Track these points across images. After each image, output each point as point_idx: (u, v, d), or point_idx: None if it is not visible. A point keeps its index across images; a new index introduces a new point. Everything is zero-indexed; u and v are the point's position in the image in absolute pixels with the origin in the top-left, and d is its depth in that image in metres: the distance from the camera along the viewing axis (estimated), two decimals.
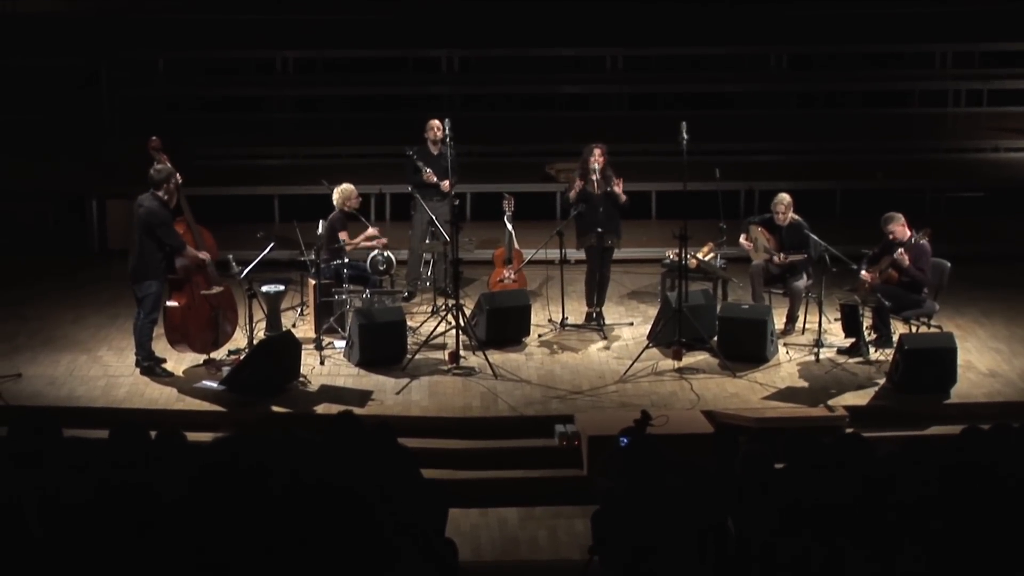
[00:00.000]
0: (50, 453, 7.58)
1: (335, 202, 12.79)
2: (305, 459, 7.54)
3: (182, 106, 18.78)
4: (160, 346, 11.79)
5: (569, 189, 12.68)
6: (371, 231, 13.03)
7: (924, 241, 11.81)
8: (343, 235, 12.67)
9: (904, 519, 7.26)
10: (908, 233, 11.81)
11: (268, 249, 12.28)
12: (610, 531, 7.59)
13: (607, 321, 12.89)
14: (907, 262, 11.70)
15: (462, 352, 11.90)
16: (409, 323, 12.37)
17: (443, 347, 12.07)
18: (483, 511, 10.30)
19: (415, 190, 13.36)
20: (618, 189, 12.50)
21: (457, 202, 12.91)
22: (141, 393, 11.37)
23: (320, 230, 12.61)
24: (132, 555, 6.90)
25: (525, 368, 11.97)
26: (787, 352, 12.23)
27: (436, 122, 13.33)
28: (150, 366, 11.64)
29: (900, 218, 11.89)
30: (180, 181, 11.51)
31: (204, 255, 11.56)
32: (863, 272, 11.96)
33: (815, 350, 12.06)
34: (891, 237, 11.86)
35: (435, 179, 13.14)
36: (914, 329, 12.00)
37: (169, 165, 11.50)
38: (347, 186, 12.84)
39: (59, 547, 6.93)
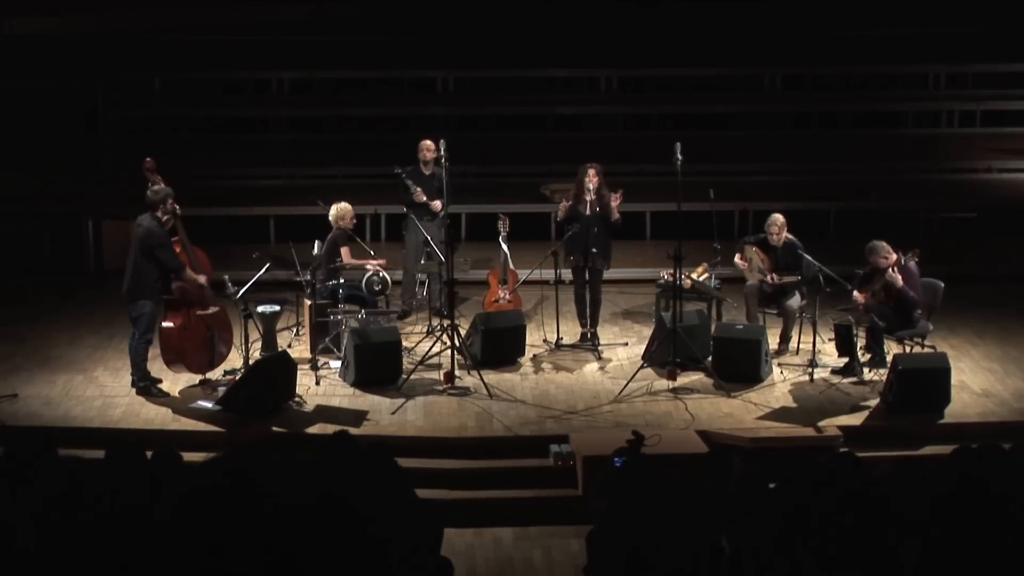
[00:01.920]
0: (46, 473, 7.59)
1: (331, 218, 12.82)
2: (301, 479, 7.56)
3: (178, 127, 18.82)
4: (156, 366, 11.80)
5: (562, 210, 12.73)
6: (375, 261, 13.00)
7: (912, 263, 11.84)
8: (344, 251, 12.72)
9: (898, 538, 7.28)
10: (893, 258, 11.82)
11: (264, 269, 12.30)
12: (605, 551, 7.60)
13: (602, 341, 12.92)
14: (900, 282, 11.73)
15: (457, 372, 11.92)
16: (404, 343, 12.39)
17: (438, 367, 12.10)
18: (478, 531, 10.31)
19: (408, 210, 13.42)
20: (616, 203, 12.53)
21: (448, 222, 13.00)
22: (137, 413, 11.38)
23: (316, 250, 12.63)
24: (127, 574, 6.91)
25: (520, 388, 11.99)
26: (781, 372, 12.25)
27: (428, 143, 13.39)
28: (146, 386, 11.66)
29: (883, 248, 11.87)
30: (179, 211, 11.54)
31: (202, 278, 11.58)
32: (856, 293, 11.99)
33: (809, 370, 12.09)
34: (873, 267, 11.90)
35: (424, 198, 13.20)
36: (908, 349, 12.03)
37: (166, 186, 11.54)
38: (344, 205, 12.88)
39: (54, 567, 6.94)
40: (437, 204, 13.26)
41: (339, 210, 12.83)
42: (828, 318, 12.62)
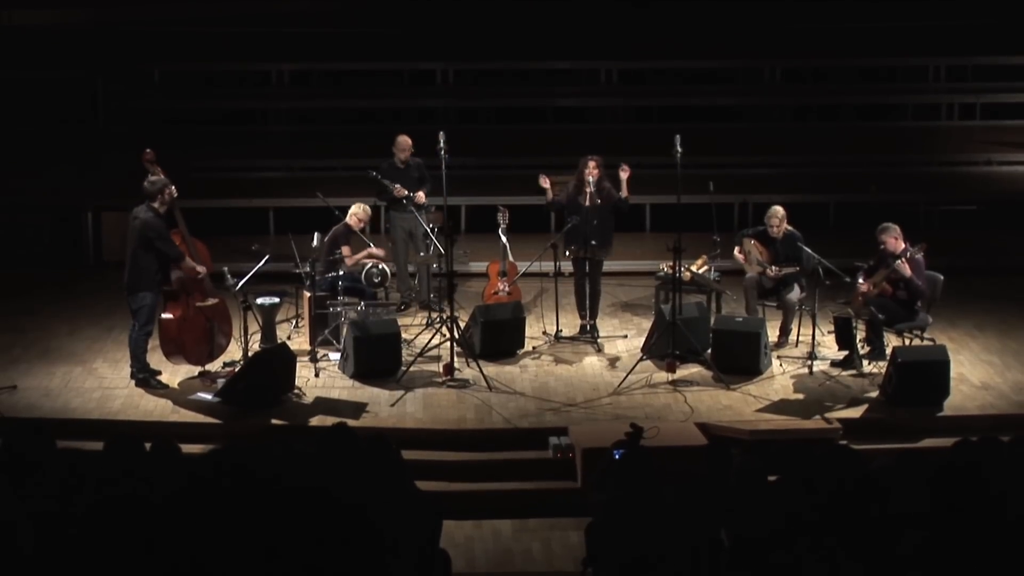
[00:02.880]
0: (44, 465, 7.59)
1: (348, 213, 12.87)
2: (299, 471, 7.56)
3: (178, 118, 18.82)
4: (155, 358, 11.81)
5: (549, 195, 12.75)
6: (374, 250, 13.05)
7: (919, 256, 11.84)
8: (345, 250, 12.74)
9: (897, 531, 7.29)
10: (902, 246, 11.84)
11: (263, 261, 12.31)
12: (604, 543, 7.61)
13: (601, 333, 12.92)
14: (908, 271, 11.71)
15: (456, 364, 11.93)
16: (404, 335, 12.40)
17: (438, 359, 12.10)
18: (477, 523, 10.32)
19: (391, 206, 13.50)
20: (624, 175, 12.49)
21: (433, 209, 13.11)
22: (136, 405, 11.39)
23: (315, 242, 12.65)
24: (126, 567, 6.91)
25: (519, 380, 12.00)
26: (781, 364, 12.26)
27: (407, 140, 13.46)
28: (145, 378, 11.67)
29: (895, 229, 11.90)
30: (175, 194, 11.55)
31: (201, 268, 11.59)
32: (860, 282, 11.99)
33: (809, 362, 12.10)
34: (882, 247, 11.87)
35: (405, 192, 13.25)
36: (907, 342, 12.04)
37: (163, 177, 11.54)
38: (366, 206, 12.97)
39: (52, 560, 6.94)
40: (421, 196, 13.30)
41: (358, 207, 12.93)
42: (827, 311, 12.64)
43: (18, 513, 7.08)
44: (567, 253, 12.71)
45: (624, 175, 12.55)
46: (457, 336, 11.96)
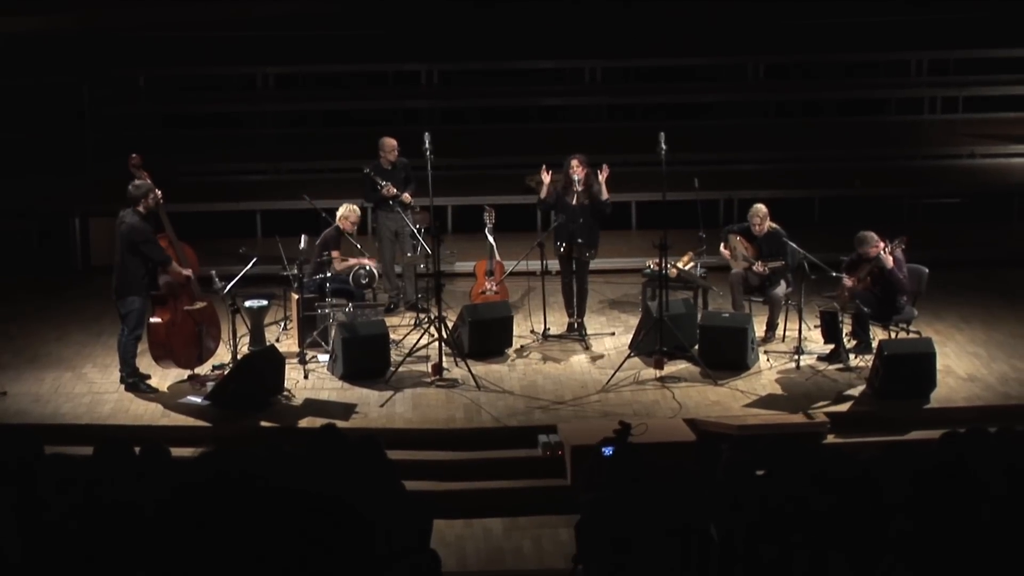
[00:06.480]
0: (34, 471, 7.61)
1: (337, 214, 12.87)
2: (289, 473, 7.59)
3: (164, 123, 18.81)
4: (144, 362, 11.82)
5: (544, 193, 12.74)
6: (365, 261, 13.05)
7: (899, 251, 11.90)
8: (335, 253, 12.77)
9: (885, 523, 7.33)
10: (881, 245, 11.87)
11: (251, 264, 12.33)
12: (594, 540, 7.65)
13: (589, 331, 12.96)
14: (890, 263, 11.77)
15: (445, 364, 11.96)
16: (392, 336, 12.43)
17: (426, 359, 12.13)
18: (468, 522, 10.35)
19: (378, 206, 13.52)
20: (603, 176, 12.53)
21: (418, 209, 13.14)
22: (126, 409, 11.40)
23: (303, 244, 12.66)
24: (117, 571, 6.93)
25: (508, 379, 12.03)
26: (768, 360, 12.31)
27: (392, 141, 13.47)
28: (134, 382, 11.68)
29: (873, 237, 11.93)
30: (161, 200, 11.56)
31: (188, 271, 11.61)
32: (844, 277, 12.03)
33: (795, 357, 12.15)
34: (863, 256, 11.91)
35: (395, 191, 13.28)
36: (893, 335, 12.09)
37: (148, 181, 11.55)
38: (354, 207, 12.97)
39: (41, 565, 6.96)
40: (407, 196, 13.34)
41: (347, 209, 12.91)
42: (814, 305, 12.67)
43: (6, 518, 7.11)
44: (560, 248, 12.71)
45: (603, 175, 12.58)
46: (445, 336, 11.99)
